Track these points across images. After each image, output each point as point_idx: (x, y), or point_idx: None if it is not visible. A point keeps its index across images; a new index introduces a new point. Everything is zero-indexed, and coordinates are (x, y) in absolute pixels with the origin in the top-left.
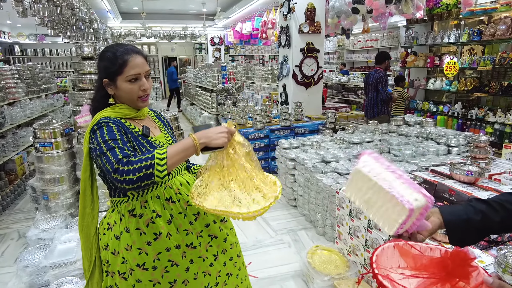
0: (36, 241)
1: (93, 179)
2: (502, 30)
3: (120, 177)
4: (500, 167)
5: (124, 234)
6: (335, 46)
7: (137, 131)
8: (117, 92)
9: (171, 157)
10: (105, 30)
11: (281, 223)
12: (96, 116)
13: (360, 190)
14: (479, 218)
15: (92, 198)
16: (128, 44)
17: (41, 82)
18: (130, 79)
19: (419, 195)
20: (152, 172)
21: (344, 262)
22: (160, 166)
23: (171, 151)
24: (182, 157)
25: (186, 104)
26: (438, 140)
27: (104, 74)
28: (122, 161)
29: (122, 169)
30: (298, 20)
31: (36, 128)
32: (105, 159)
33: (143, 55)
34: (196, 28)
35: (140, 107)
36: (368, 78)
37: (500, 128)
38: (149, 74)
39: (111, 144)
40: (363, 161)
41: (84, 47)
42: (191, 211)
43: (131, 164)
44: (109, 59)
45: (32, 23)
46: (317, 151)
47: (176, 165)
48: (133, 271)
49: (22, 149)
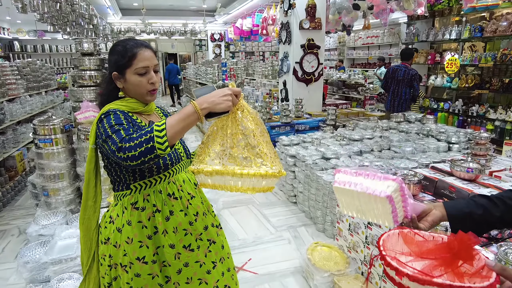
0: (36, 237)
1: (98, 171)
2: (503, 26)
3: (123, 155)
4: (501, 164)
5: (126, 227)
6: (336, 42)
7: (143, 125)
8: (126, 86)
9: (170, 127)
10: (105, 26)
11: (281, 220)
12: (104, 108)
13: (349, 204)
14: (480, 212)
15: (95, 191)
16: (138, 39)
17: (41, 78)
18: (139, 72)
19: (389, 181)
20: (153, 146)
21: (344, 259)
22: (160, 138)
23: (170, 121)
24: (184, 127)
25: (186, 100)
26: (438, 137)
27: (114, 67)
28: (125, 139)
29: (125, 146)
30: (298, 16)
31: (36, 124)
32: (110, 141)
33: (152, 50)
34: (196, 24)
35: (148, 101)
36: (397, 73)
37: (501, 125)
38: (157, 70)
39: (116, 127)
40: (337, 179)
41: (83, 43)
42: (192, 210)
43: (132, 140)
44: (119, 52)
45: (32, 19)
46: (317, 148)
47: (178, 136)
48: (132, 264)
49: (22, 145)
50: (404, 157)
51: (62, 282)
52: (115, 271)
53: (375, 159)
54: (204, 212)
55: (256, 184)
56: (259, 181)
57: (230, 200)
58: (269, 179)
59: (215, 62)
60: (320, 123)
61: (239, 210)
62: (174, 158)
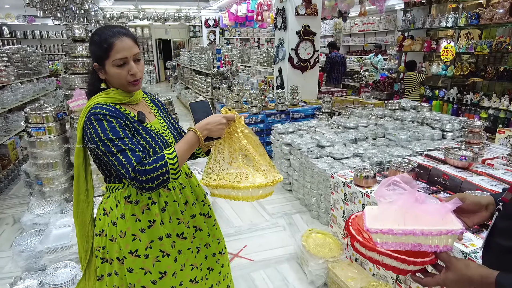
0: (31, 226)
1: (87, 164)
2: (500, 14)
3: (139, 185)
4: (494, 152)
5: (120, 221)
6: (332, 29)
7: (132, 116)
8: (107, 77)
9: (181, 158)
10: (97, 12)
11: (276, 207)
12: (89, 102)
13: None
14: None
15: (86, 185)
16: (117, 25)
17: (32, 65)
18: (117, 63)
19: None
20: (168, 177)
21: (338, 245)
22: (174, 170)
23: (180, 153)
24: (189, 153)
25: (180, 88)
26: (433, 125)
27: (94, 58)
28: (138, 170)
29: (141, 178)
30: (294, 2)
31: (27, 112)
32: (116, 161)
33: (132, 37)
34: (191, 10)
35: (132, 91)
36: None
37: (495, 113)
38: (139, 58)
39: (120, 145)
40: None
41: (75, 29)
42: (183, 199)
43: (148, 173)
44: (96, 42)
45: (21, 4)
46: (312, 135)
47: (185, 161)
48: (125, 258)
49: (14, 133)
50: (398, 145)
51: (58, 270)
52: (110, 267)
53: (370, 146)
54: (193, 201)
55: (253, 193)
56: (255, 191)
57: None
58: (265, 188)
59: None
60: (315, 111)
61: None
62: (165, 148)
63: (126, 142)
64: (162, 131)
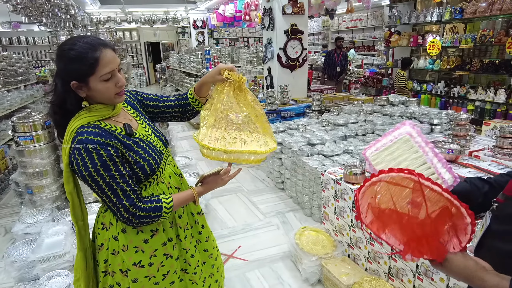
0: (22, 235)
1: (78, 189)
2: (483, 7)
3: (131, 224)
4: (480, 144)
5: (121, 235)
6: (320, 26)
7: (119, 132)
8: (90, 93)
9: (176, 207)
10: (83, 17)
11: (269, 206)
12: (73, 124)
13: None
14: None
15: (81, 209)
16: (89, 36)
17: (19, 72)
18: (105, 78)
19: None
20: (159, 219)
21: (331, 242)
22: (166, 214)
23: (176, 204)
24: (184, 204)
25: (170, 90)
26: (421, 119)
27: (70, 76)
28: (132, 213)
29: (133, 220)
30: (281, 1)
31: (14, 121)
32: (107, 198)
33: (111, 47)
34: (178, 12)
35: (118, 102)
36: None
37: (481, 106)
38: (121, 68)
39: (112, 184)
40: (369, 154)
41: (60, 36)
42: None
43: (141, 218)
44: (74, 59)
45: (5, 10)
46: (303, 134)
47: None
48: (129, 270)
49: (3, 142)
50: None
51: (52, 279)
52: (112, 279)
53: (360, 143)
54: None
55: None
56: (248, 156)
57: (218, 189)
58: (258, 155)
59: (199, 50)
60: (305, 109)
61: (227, 198)
62: (158, 158)
63: (117, 180)
64: (149, 138)
